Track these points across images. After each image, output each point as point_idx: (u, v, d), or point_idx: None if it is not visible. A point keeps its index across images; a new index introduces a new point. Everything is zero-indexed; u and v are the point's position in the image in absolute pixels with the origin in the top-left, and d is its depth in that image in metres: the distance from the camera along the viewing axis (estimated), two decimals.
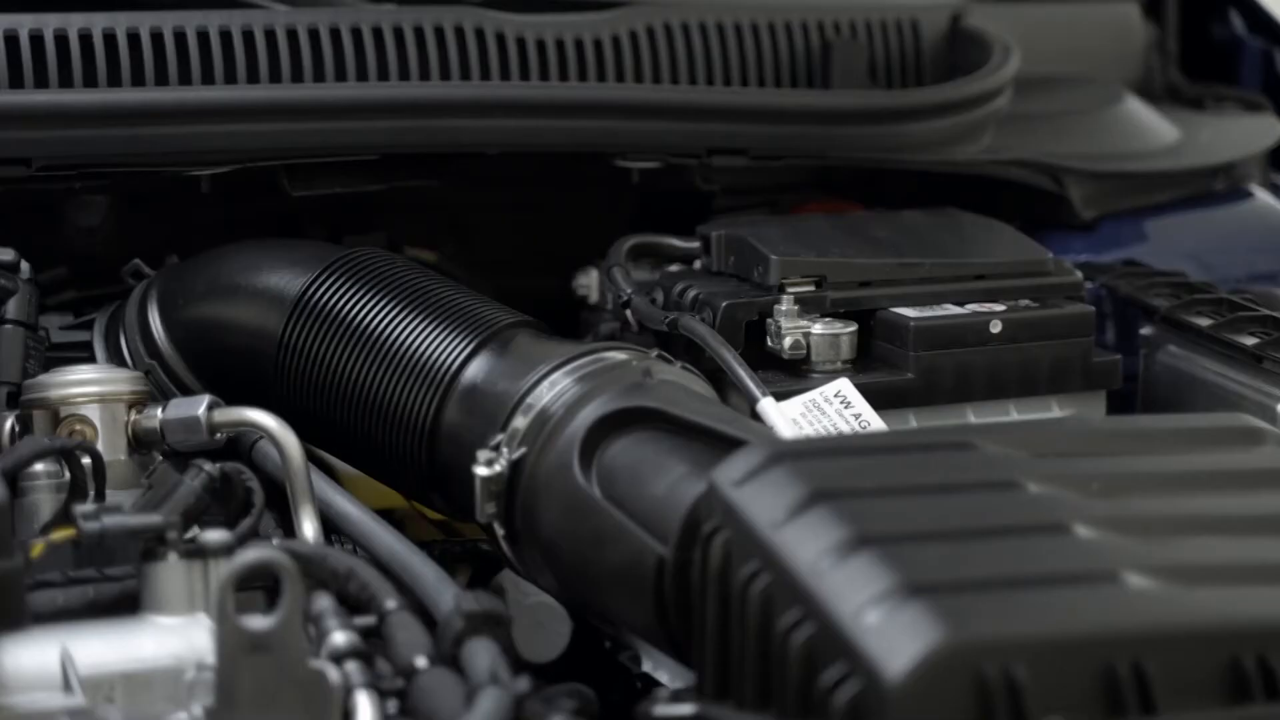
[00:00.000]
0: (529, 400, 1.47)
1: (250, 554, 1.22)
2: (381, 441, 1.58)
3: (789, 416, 1.54)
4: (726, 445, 1.35)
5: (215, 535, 1.33)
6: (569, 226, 2.06)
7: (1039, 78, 2.26)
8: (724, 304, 1.70)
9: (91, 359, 1.76)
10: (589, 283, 1.97)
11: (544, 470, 1.42)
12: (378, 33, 1.90)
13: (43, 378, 1.57)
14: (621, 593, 1.35)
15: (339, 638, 1.28)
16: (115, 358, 1.75)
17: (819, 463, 1.26)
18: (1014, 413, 1.73)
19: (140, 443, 1.56)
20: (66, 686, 1.25)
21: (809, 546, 1.17)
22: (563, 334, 1.94)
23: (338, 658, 1.26)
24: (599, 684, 1.86)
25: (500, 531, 1.47)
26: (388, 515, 1.79)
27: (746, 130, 1.97)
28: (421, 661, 1.27)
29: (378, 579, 1.34)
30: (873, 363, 1.72)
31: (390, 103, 1.84)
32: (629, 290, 1.79)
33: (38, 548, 1.32)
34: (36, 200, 1.88)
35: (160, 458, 1.56)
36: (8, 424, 1.57)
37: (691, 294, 1.74)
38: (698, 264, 1.86)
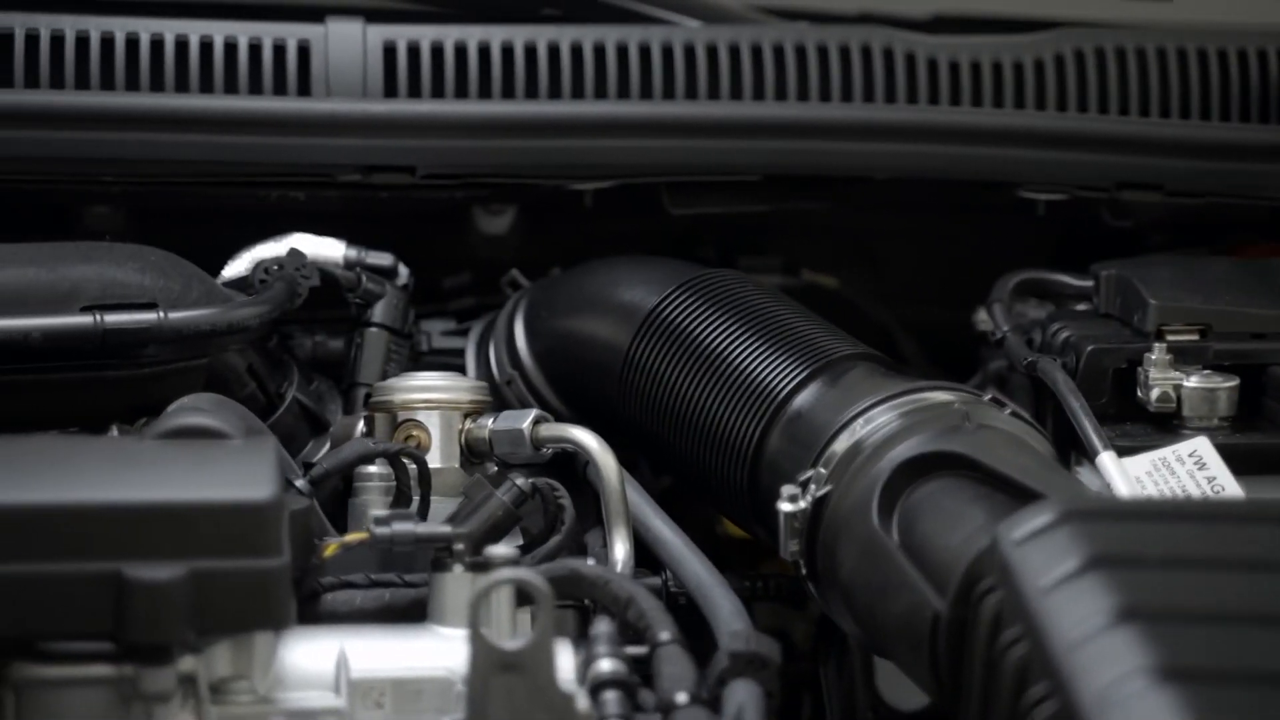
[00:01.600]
0: (842, 436, 1.41)
1: (504, 572, 1.21)
2: (709, 466, 1.55)
3: (1132, 474, 1.43)
4: (1030, 499, 1.26)
5: (501, 550, 1.32)
6: (976, 257, 1.98)
7: None
8: (1089, 349, 1.60)
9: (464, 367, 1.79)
10: (989, 318, 1.89)
11: (846, 510, 1.36)
12: (779, 51, 1.87)
13: (389, 381, 1.60)
14: (903, 646, 1.28)
15: (604, 665, 1.26)
16: (483, 367, 1.77)
17: (1112, 526, 1.16)
18: None
19: (473, 452, 1.57)
20: (337, 688, 1.27)
21: (1071, 615, 1.08)
22: (961, 372, 1.88)
23: (599, 685, 1.24)
24: None
25: (803, 570, 1.42)
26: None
27: (1162, 164, 1.86)
28: (681, 697, 1.23)
29: (656, 609, 1.31)
30: (1259, 422, 1.58)
31: (773, 123, 1.80)
32: (1005, 328, 1.71)
33: (331, 548, 1.35)
34: (444, 207, 1.93)
35: (494, 468, 1.57)
36: (359, 425, 1.62)
37: (1063, 336, 1.65)
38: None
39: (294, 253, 1.68)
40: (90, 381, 1.54)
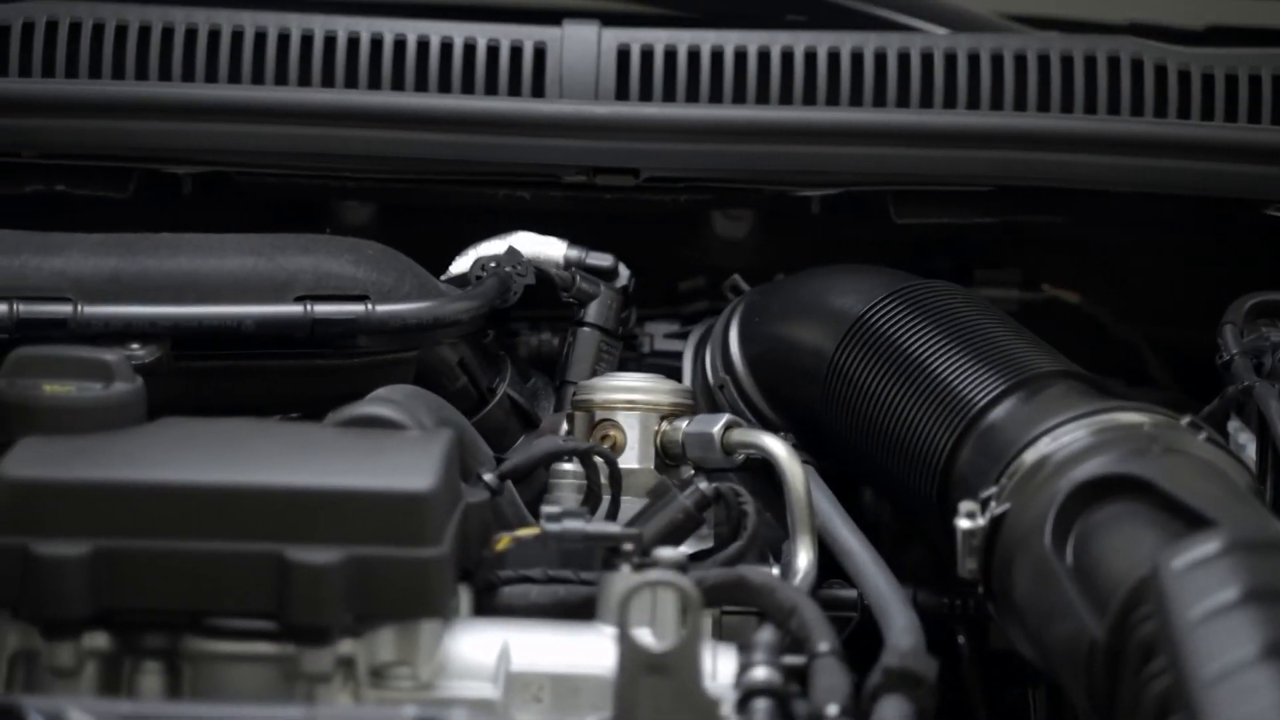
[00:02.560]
0: (1028, 452, 1.37)
1: (653, 574, 1.21)
2: (903, 479, 1.53)
3: None
4: (1204, 528, 1.21)
5: (668, 552, 1.32)
6: (1228, 276, 1.90)
7: None
8: None
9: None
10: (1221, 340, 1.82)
11: (1022, 529, 1.33)
12: (1020, 60, 1.82)
13: (592, 380, 1.62)
14: (1066, 672, 1.25)
15: (758, 673, 1.25)
16: (699, 370, 1.78)
17: None
18: None
19: (668, 455, 1.57)
20: (496, 680, 1.28)
21: (1216, 648, 1.04)
22: (1212, 394, 1.81)
23: (749, 693, 1.23)
24: None
25: (980, 590, 1.39)
26: None
27: None
28: (832, 710, 1.22)
29: (818, 620, 1.29)
30: None
31: (1001, 132, 1.76)
32: (1234, 350, 1.64)
33: (503, 542, 1.36)
34: (681, 211, 1.93)
35: (692, 472, 1.57)
36: (564, 424, 1.63)
37: None
38: None
39: (511, 251, 1.71)
40: (304, 369, 1.59)
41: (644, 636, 1.21)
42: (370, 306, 1.57)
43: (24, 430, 1.30)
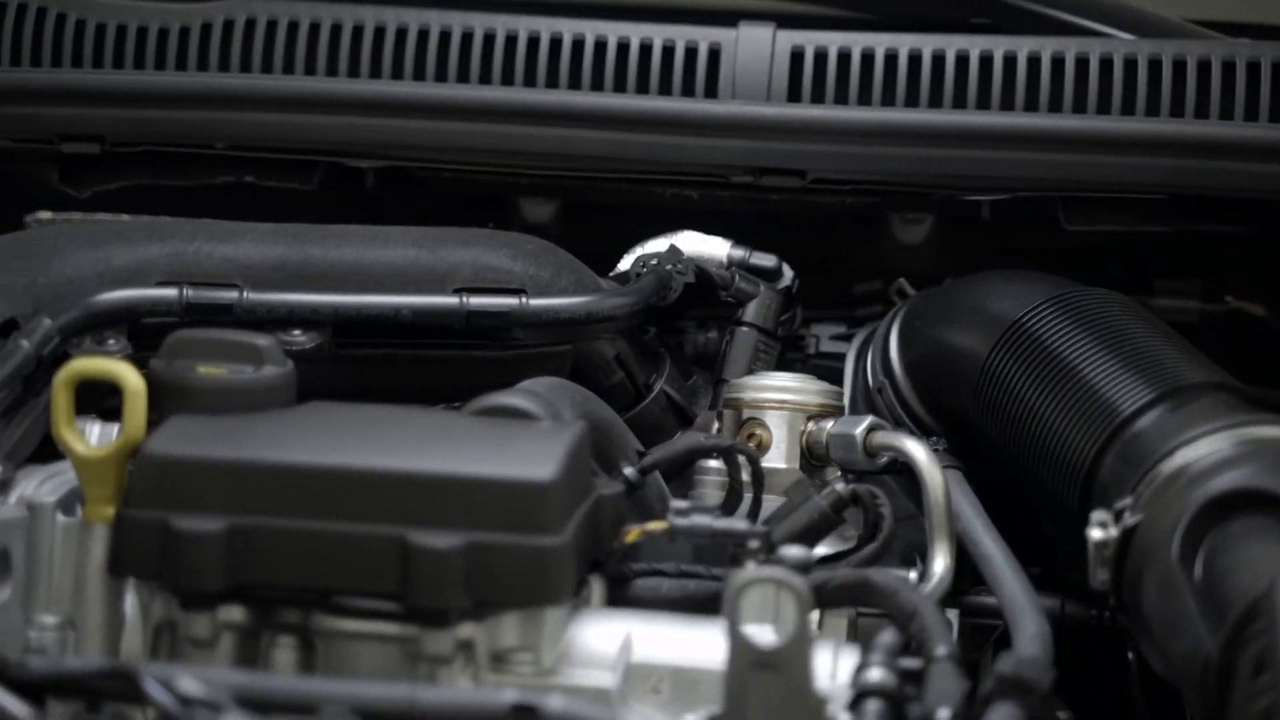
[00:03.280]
0: (1165, 463, 1.35)
1: (763, 571, 1.21)
2: (1047, 486, 1.51)
3: None
4: None
5: (794, 551, 1.32)
6: None
7: None
8: None
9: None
10: None
11: (1152, 541, 1.31)
12: (1204, 66, 1.80)
13: (742, 379, 1.63)
14: (1186, 687, 1.22)
15: (873, 674, 1.24)
16: (860, 374, 1.77)
17: None
18: None
19: (812, 455, 1.57)
20: (616, 669, 1.30)
21: None
22: None
23: (862, 693, 1.23)
24: None
25: (1111, 601, 1.36)
26: None
27: None
28: (943, 714, 1.21)
29: (938, 624, 1.28)
30: None
31: (1176, 139, 1.73)
32: None
33: (632, 534, 1.38)
34: (852, 213, 1.93)
35: (839, 473, 1.57)
36: (715, 422, 1.64)
37: None
38: None
39: (672, 249, 1.72)
40: (460, 360, 1.63)
41: (760, 634, 1.21)
42: (525, 300, 1.60)
43: (177, 409, 1.35)
